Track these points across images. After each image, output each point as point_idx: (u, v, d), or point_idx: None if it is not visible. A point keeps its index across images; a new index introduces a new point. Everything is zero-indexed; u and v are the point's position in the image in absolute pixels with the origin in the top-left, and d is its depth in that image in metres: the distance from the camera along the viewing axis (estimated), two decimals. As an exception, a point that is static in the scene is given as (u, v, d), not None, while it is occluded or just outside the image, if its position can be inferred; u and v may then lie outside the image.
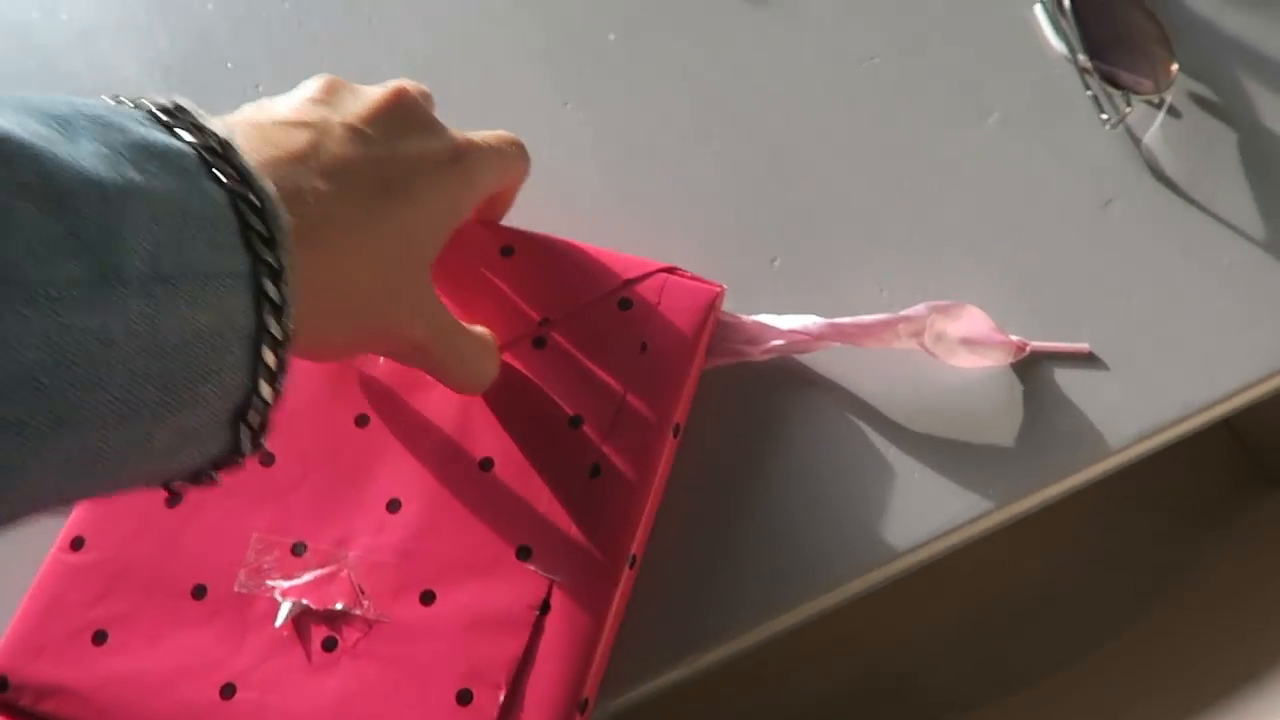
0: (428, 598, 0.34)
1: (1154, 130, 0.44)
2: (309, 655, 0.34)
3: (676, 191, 0.44)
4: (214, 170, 0.24)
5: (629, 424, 0.36)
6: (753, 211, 0.44)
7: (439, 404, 0.37)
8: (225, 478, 0.27)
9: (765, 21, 0.48)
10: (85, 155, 0.22)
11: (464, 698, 0.32)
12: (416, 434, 0.36)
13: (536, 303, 0.38)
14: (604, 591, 0.34)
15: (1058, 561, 0.61)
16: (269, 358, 0.25)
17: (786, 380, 0.40)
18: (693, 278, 0.38)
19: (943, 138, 0.45)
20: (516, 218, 0.40)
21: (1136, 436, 0.39)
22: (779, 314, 0.39)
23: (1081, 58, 0.45)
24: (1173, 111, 0.45)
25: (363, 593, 0.34)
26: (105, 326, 0.21)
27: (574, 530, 0.34)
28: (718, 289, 0.38)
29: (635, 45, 0.48)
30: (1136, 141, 0.44)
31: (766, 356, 0.39)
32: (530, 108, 0.46)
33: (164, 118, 0.25)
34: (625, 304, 0.37)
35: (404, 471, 0.36)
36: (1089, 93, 0.45)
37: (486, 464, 0.36)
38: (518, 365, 0.37)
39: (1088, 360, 0.40)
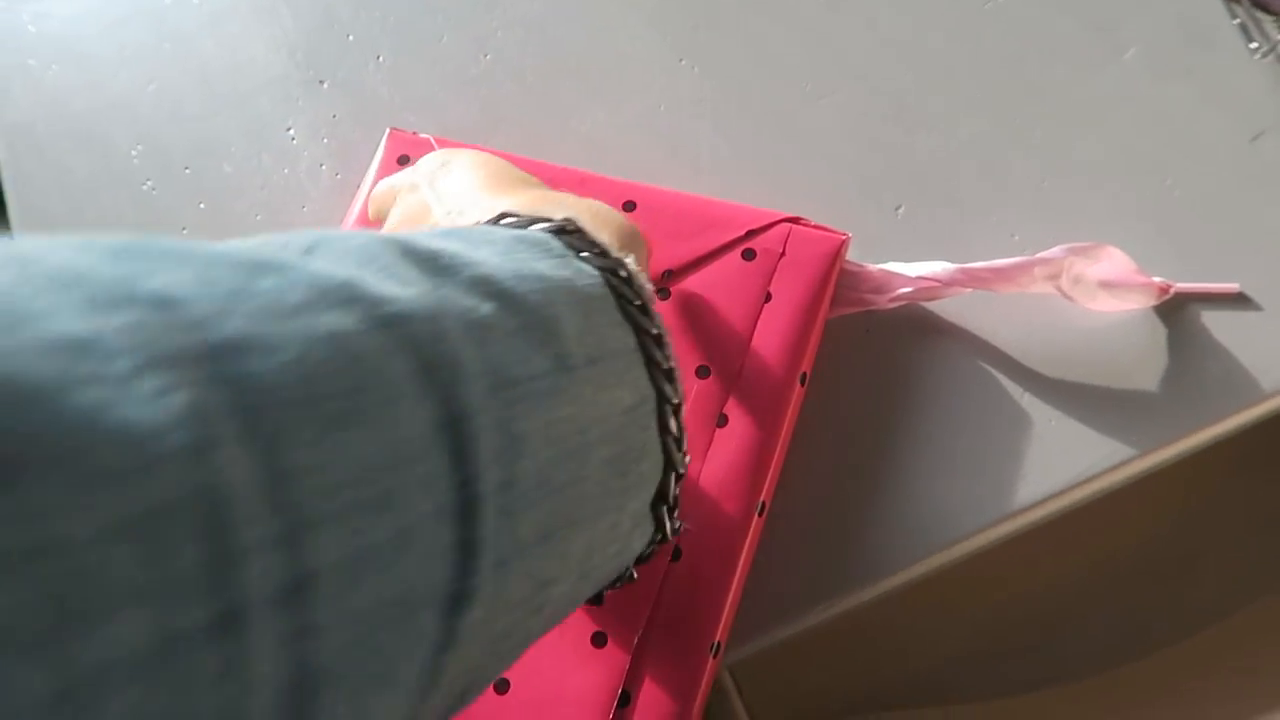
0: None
1: (1309, 58, 0.42)
2: None
3: (797, 143, 0.44)
4: (578, 250, 0.24)
5: (756, 373, 0.36)
6: (875, 160, 0.43)
7: None
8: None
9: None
10: (489, 256, 0.21)
11: (598, 640, 0.33)
12: None
13: (660, 254, 0.38)
14: (734, 539, 0.34)
15: (1204, 514, 0.59)
16: (673, 424, 0.24)
17: (916, 328, 0.39)
18: (817, 227, 0.37)
19: (1075, 76, 0.43)
20: (638, 174, 0.40)
21: (1295, 380, 0.37)
22: (907, 263, 0.38)
23: (1226, -15, 0.42)
24: (1329, 37, 0.42)
25: None
26: (576, 416, 0.20)
27: (703, 479, 0.34)
28: (842, 237, 0.37)
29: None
30: (1289, 71, 0.42)
31: (894, 305, 0.38)
32: (646, 67, 0.46)
33: (501, 218, 0.25)
34: (749, 254, 0.37)
35: None
36: (1235, 21, 0.42)
37: None
38: None
39: (1238, 301, 0.38)
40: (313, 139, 0.48)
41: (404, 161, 0.42)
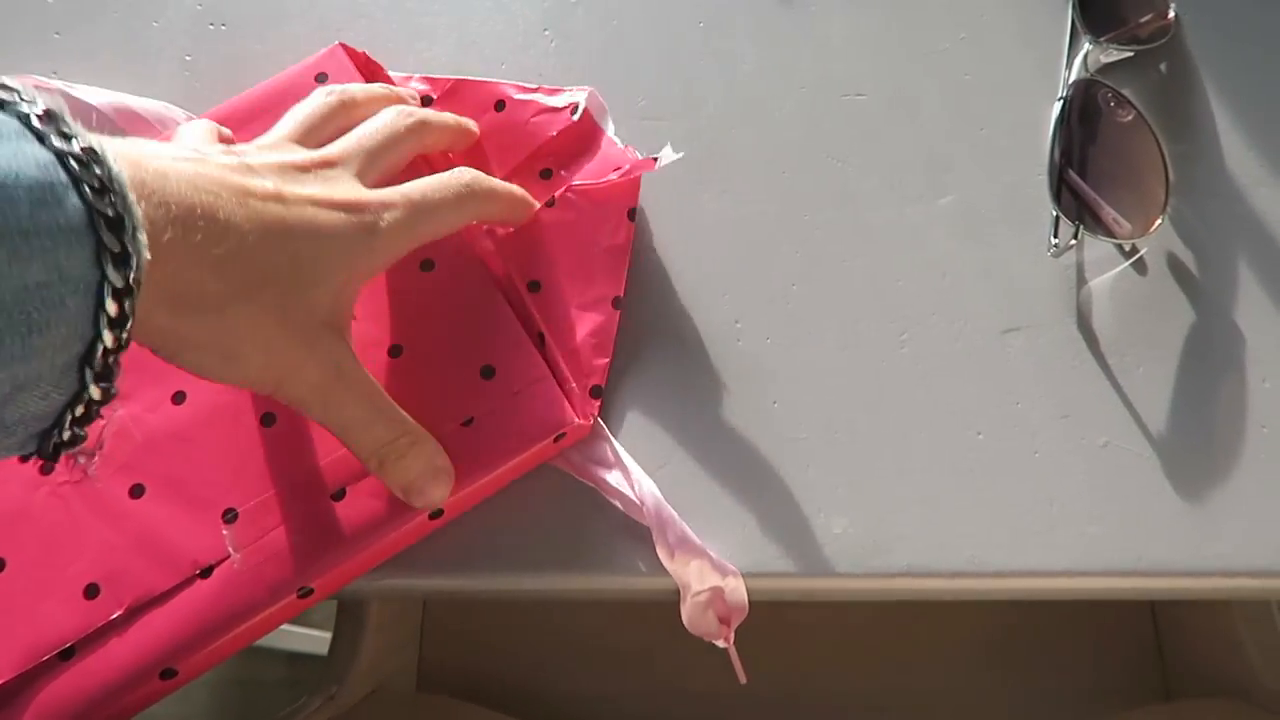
0: (137, 491, 0.34)
1: (1107, 278, 0.39)
2: (29, 471, 0.34)
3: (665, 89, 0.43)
4: (38, 133, 0.23)
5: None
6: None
7: None
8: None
9: (780, 22, 0.45)
10: None
11: (90, 592, 0.32)
12: None
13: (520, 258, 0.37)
14: (261, 599, 0.32)
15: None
16: (110, 306, 0.24)
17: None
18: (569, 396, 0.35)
19: (884, 200, 0.41)
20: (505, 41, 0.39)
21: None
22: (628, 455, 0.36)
23: (1072, 171, 0.40)
24: (1139, 267, 0.40)
25: (101, 448, 0.34)
26: None
27: (280, 524, 0.33)
28: (568, 429, 0.35)
29: None
30: (1082, 282, 0.39)
31: (582, 479, 0.36)
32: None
33: None
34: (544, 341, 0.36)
35: None
36: (1053, 212, 0.40)
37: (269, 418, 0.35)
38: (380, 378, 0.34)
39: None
40: None
41: (320, 80, 0.39)
